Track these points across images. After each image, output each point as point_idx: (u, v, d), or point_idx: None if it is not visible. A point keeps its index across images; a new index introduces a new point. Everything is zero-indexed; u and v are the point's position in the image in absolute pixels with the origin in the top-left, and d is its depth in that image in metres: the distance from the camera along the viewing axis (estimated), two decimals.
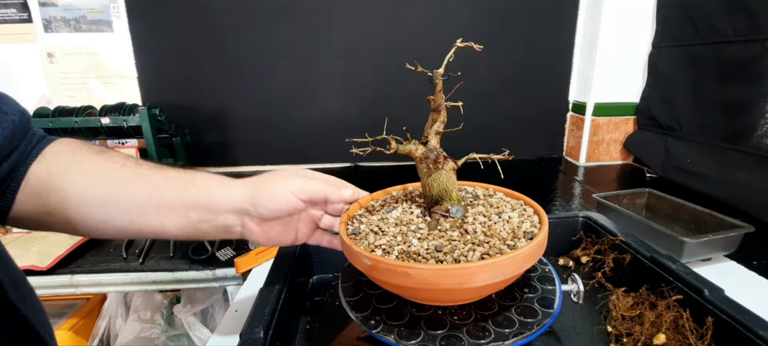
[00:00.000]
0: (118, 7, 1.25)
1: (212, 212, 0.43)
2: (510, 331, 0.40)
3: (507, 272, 0.38)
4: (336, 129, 1.37)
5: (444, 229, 0.43)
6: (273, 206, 0.43)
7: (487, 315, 0.42)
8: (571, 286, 0.49)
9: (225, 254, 0.78)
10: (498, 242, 0.40)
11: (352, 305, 0.45)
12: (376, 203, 0.52)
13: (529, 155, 1.46)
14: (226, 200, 0.43)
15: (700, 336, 0.41)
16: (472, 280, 0.36)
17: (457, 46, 0.41)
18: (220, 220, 0.44)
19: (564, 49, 1.38)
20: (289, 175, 0.45)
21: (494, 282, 0.37)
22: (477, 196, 0.51)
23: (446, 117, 0.45)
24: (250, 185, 0.44)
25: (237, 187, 0.44)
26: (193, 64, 1.30)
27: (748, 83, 0.93)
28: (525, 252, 0.38)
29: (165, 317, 1.08)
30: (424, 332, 0.40)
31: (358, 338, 0.48)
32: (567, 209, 1.00)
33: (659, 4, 1.20)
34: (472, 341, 0.39)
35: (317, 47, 1.31)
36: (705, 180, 1.02)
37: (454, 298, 0.42)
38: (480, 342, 0.39)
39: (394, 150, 0.44)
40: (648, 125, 1.27)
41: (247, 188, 0.44)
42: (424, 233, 0.43)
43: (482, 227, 0.43)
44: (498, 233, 0.42)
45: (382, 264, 0.38)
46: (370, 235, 0.44)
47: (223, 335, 0.53)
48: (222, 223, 0.44)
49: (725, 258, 0.69)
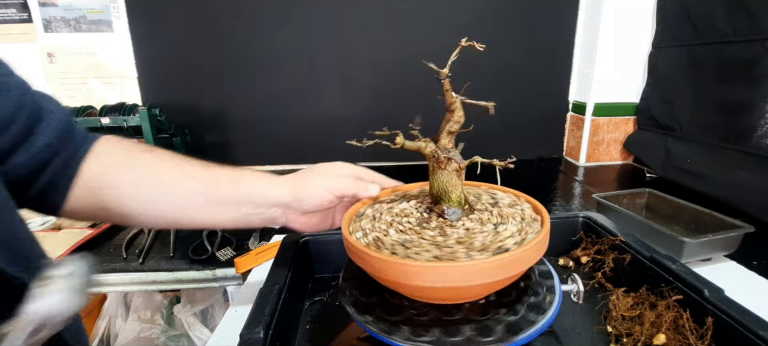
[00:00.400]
0: (118, 7, 1.25)
1: (260, 206, 0.48)
2: (510, 331, 0.40)
3: (472, 279, 0.37)
4: (336, 129, 1.37)
5: (430, 227, 0.44)
6: (313, 202, 0.48)
7: (488, 315, 0.42)
8: (571, 286, 0.49)
9: (225, 254, 0.78)
10: (462, 251, 0.39)
11: (352, 303, 0.45)
12: (396, 195, 0.53)
13: (529, 155, 1.45)
14: (274, 196, 0.48)
15: (700, 336, 0.41)
16: (428, 279, 0.37)
17: (461, 45, 0.41)
18: (268, 213, 0.49)
19: (564, 49, 1.38)
20: (328, 173, 0.49)
21: (466, 285, 0.37)
22: (486, 200, 0.50)
23: (463, 116, 0.44)
24: (293, 183, 0.48)
25: (282, 184, 0.48)
26: (193, 64, 1.30)
27: (748, 83, 0.93)
28: (500, 260, 0.37)
29: (165, 317, 1.08)
30: (425, 332, 0.40)
31: (358, 338, 0.48)
32: (567, 209, 1.00)
33: (659, 4, 1.20)
34: (472, 340, 0.39)
35: (317, 47, 1.31)
36: (705, 180, 1.02)
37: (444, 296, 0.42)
38: (480, 342, 0.39)
39: (401, 145, 0.44)
40: (648, 125, 1.27)
41: (291, 185, 0.48)
42: (408, 227, 0.44)
43: (460, 234, 0.42)
44: (473, 243, 0.40)
45: (365, 254, 0.39)
46: (364, 219, 0.46)
47: (223, 335, 0.53)
48: (269, 215, 0.49)
49: (725, 258, 0.69)
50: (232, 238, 0.85)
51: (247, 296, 0.61)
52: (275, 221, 0.50)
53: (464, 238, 0.41)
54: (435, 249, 0.39)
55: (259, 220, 0.49)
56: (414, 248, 0.40)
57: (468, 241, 0.41)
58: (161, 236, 0.89)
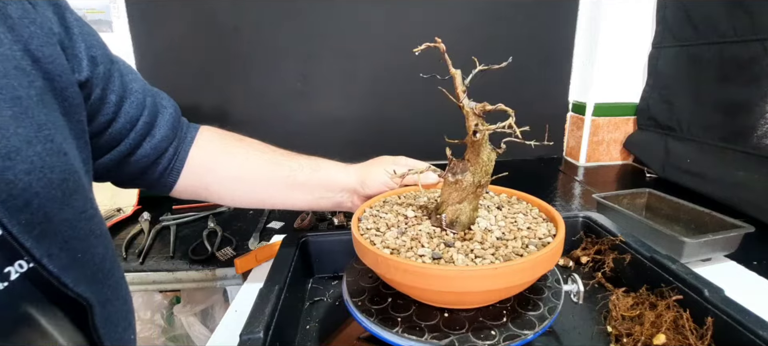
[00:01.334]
0: (118, 7, 1.25)
1: (331, 190, 0.56)
2: (510, 331, 0.40)
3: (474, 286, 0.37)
4: (336, 129, 1.37)
5: (416, 231, 0.44)
6: (376, 186, 0.55)
7: (488, 315, 0.42)
8: (571, 286, 0.49)
9: (225, 254, 0.78)
10: (420, 252, 0.40)
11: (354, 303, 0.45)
12: (410, 195, 0.55)
13: (529, 155, 1.45)
14: (344, 181, 0.56)
15: (700, 336, 0.41)
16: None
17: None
18: (337, 197, 0.56)
19: (564, 49, 1.38)
20: (387, 162, 0.56)
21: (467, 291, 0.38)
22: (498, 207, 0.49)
23: (471, 127, 0.40)
24: (359, 170, 0.56)
25: (350, 171, 0.56)
26: (193, 64, 1.30)
27: (748, 83, 0.93)
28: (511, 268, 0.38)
29: (165, 317, 1.08)
30: (425, 331, 0.40)
31: (358, 338, 0.48)
32: (567, 209, 1.00)
33: (659, 4, 1.20)
34: (472, 340, 0.39)
35: (317, 47, 1.31)
36: (705, 180, 1.02)
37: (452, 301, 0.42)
38: (480, 342, 0.39)
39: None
40: (648, 125, 1.27)
41: (358, 172, 0.56)
42: (401, 229, 0.44)
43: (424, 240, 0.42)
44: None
45: (372, 253, 0.39)
46: (368, 219, 0.47)
47: (223, 335, 0.53)
48: (337, 199, 0.57)
49: (725, 258, 0.69)
50: (232, 238, 0.85)
51: (247, 296, 0.61)
52: (342, 205, 0.57)
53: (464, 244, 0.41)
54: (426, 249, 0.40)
55: (328, 203, 0.57)
56: (390, 246, 0.40)
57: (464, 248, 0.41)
58: (161, 236, 0.89)
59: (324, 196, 0.56)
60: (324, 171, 0.56)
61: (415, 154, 0.58)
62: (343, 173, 0.56)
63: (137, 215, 0.97)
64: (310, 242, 0.61)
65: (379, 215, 0.48)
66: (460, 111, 0.41)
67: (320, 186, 0.55)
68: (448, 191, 0.44)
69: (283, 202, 0.56)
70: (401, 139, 1.36)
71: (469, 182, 0.42)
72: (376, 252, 0.39)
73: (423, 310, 0.43)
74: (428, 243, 0.42)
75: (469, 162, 0.42)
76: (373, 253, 0.40)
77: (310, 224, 0.89)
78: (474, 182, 0.42)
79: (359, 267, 0.51)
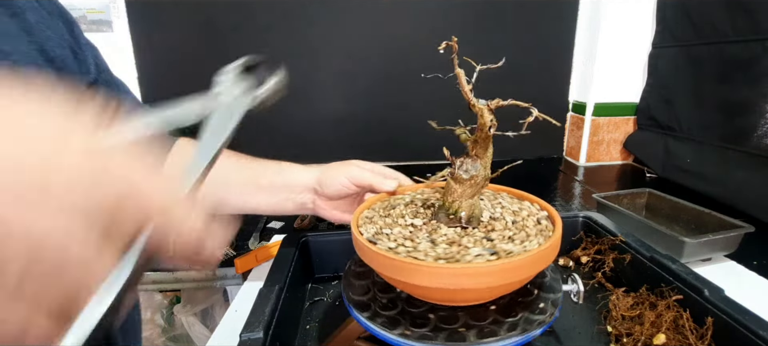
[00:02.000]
0: (118, 7, 1.25)
1: (293, 191, 0.55)
2: (510, 330, 0.40)
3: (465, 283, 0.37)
4: (336, 130, 1.37)
5: (408, 226, 0.44)
6: (333, 188, 0.54)
7: (488, 314, 0.42)
8: (571, 286, 0.49)
9: (225, 254, 0.78)
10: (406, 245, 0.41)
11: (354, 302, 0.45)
12: (416, 193, 0.54)
13: (529, 155, 1.46)
14: (304, 181, 0.55)
15: (700, 336, 0.41)
16: None
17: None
18: (299, 198, 0.56)
19: (564, 49, 1.38)
20: (350, 164, 0.55)
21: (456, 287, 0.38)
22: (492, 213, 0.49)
23: (488, 122, 0.41)
24: (318, 170, 0.55)
25: (310, 171, 0.56)
26: (193, 64, 1.30)
27: (748, 83, 0.93)
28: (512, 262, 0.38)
29: (165, 317, 1.08)
30: (425, 331, 0.40)
31: (358, 338, 0.48)
32: (567, 209, 1.00)
33: (659, 4, 1.20)
34: (472, 340, 0.39)
35: (317, 47, 1.31)
36: (705, 180, 1.02)
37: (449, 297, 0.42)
38: (480, 341, 0.39)
39: (464, 137, 0.44)
40: (648, 125, 1.27)
41: (317, 172, 0.55)
42: (400, 223, 0.44)
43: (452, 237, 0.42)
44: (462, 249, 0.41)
45: (370, 251, 0.39)
46: (373, 216, 0.47)
47: (223, 335, 0.53)
48: (300, 200, 0.56)
49: (725, 258, 0.69)
50: (232, 238, 0.85)
51: (247, 296, 0.61)
52: (305, 206, 0.56)
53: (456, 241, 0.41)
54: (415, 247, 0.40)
55: (293, 205, 0.56)
56: (406, 248, 0.40)
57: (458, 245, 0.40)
58: None
59: (288, 197, 0.56)
60: (287, 173, 0.56)
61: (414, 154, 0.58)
62: (304, 173, 0.56)
63: None
64: (310, 242, 0.61)
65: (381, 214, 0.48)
66: (456, 110, 0.41)
67: (284, 187, 0.55)
68: (460, 189, 0.44)
69: (254, 205, 0.56)
70: (401, 139, 1.36)
71: (483, 176, 0.43)
72: (376, 251, 0.39)
73: (423, 309, 0.43)
74: (443, 240, 0.42)
75: (479, 157, 0.43)
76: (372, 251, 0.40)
77: (310, 224, 0.88)
78: (485, 176, 0.43)
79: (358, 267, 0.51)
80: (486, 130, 0.41)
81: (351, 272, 0.51)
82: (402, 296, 0.45)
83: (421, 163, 1.34)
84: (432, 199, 0.53)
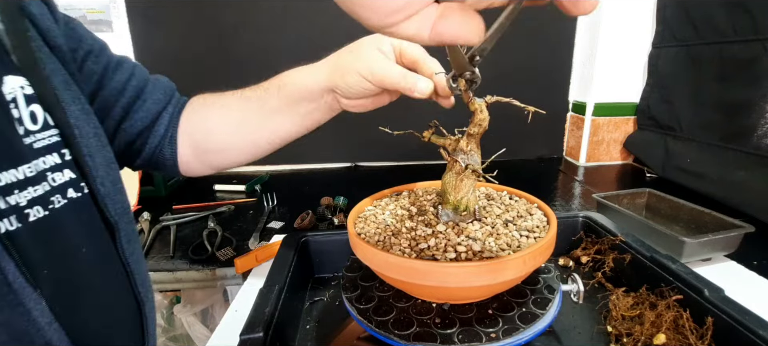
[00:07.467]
0: (118, 7, 1.25)
1: (315, 99, 0.48)
2: (510, 330, 0.40)
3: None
4: (335, 129, 1.36)
5: (410, 224, 0.44)
6: (351, 91, 0.45)
7: (487, 314, 0.42)
8: (571, 286, 0.49)
9: (225, 254, 0.78)
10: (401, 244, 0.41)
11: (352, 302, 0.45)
12: (420, 191, 0.54)
13: (529, 155, 1.45)
14: (316, 83, 0.47)
15: (700, 336, 0.41)
16: None
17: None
18: (323, 102, 0.49)
19: (564, 49, 1.38)
20: (362, 52, 0.45)
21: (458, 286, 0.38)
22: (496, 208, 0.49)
23: (486, 119, 0.41)
24: (328, 67, 0.47)
25: (320, 70, 0.47)
26: (193, 64, 1.30)
27: (748, 83, 0.93)
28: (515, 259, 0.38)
29: (165, 317, 1.08)
30: (425, 331, 0.40)
31: (358, 338, 0.48)
32: (567, 209, 1.00)
33: (659, 4, 1.20)
34: (471, 339, 0.39)
35: (318, 48, 1.30)
36: (705, 180, 1.02)
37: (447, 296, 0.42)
38: (480, 341, 0.39)
39: (427, 139, 0.45)
40: (648, 125, 1.27)
41: (325, 69, 0.47)
42: (397, 219, 0.45)
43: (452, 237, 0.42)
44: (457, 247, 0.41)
45: (369, 251, 0.40)
46: (370, 215, 0.47)
47: (223, 335, 0.53)
48: (326, 104, 0.49)
49: (725, 258, 0.69)
50: (232, 238, 0.85)
51: (247, 296, 0.61)
52: (333, 108, 0.50)
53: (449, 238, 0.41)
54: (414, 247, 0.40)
55: (320, 114, 0.50)
56: (397, 245, 0.41)
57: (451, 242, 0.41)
58: (161, 235, 0.89)
59: (311, 108, 0.49)
60: (290, 82, 0.49)
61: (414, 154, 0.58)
62: (311, 75, 0.48)
63: (137, 215, 0.97)
64: (310, 242, 0.61)
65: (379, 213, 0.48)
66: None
67: (300, 98, 0.48)
68: (463, 182, 0.44)
69: (271, 134, 0.51)
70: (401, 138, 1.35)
71: (479, 167, 0.43)
72: (367, 247, 0.39)
73: (422, 308, 0.43)
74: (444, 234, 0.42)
75: (474, 152, 0.43)
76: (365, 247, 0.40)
77: (310, 224, 0.88)
78: (480, 168, 0.43)
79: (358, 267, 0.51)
80: (485, 126, 0.41)
81: (350, 272, 0.51)
82: (401, 295, 0.45)
83: (422, 163, 1.34)
84: (426, 197, 0.53)
